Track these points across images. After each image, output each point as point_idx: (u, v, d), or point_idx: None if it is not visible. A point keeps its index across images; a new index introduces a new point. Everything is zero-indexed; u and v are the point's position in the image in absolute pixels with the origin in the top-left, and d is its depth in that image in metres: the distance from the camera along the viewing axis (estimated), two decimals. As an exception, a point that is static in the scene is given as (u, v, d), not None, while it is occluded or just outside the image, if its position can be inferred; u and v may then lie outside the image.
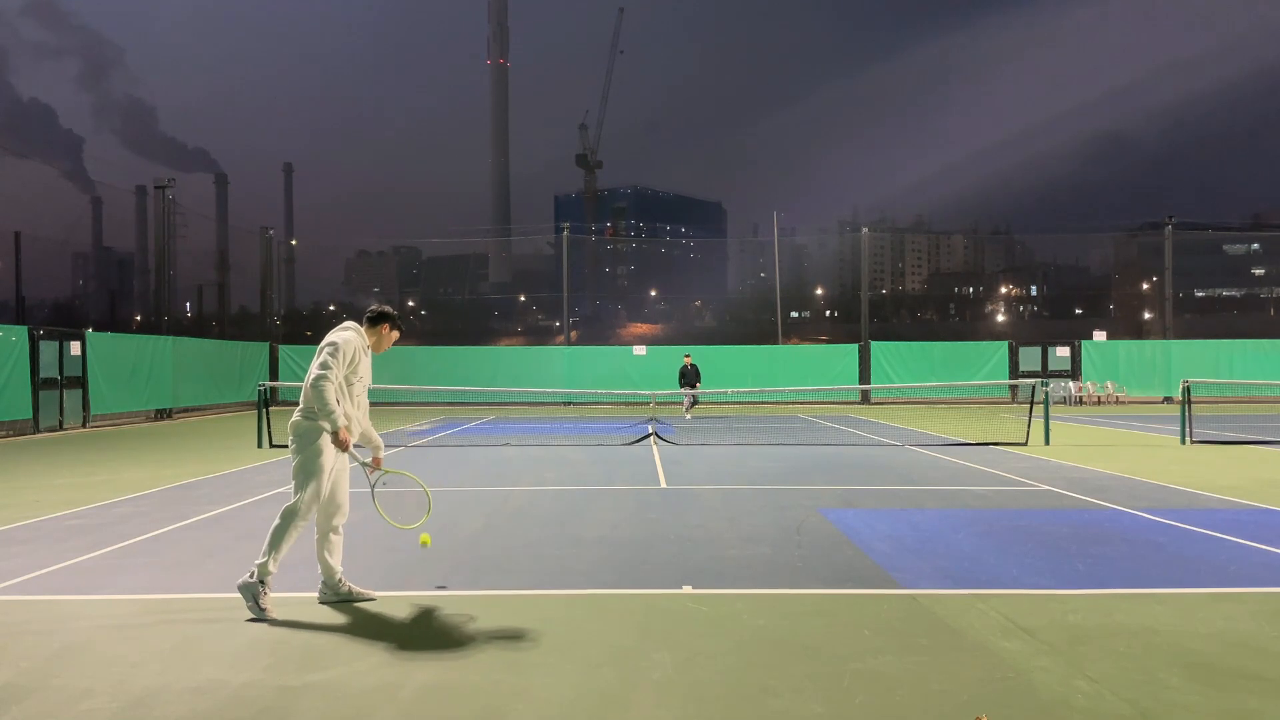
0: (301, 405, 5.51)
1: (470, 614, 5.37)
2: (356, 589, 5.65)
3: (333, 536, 5.60)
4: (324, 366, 5.37)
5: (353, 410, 5.58)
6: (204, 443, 17.22)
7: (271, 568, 5.34)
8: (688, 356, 25.25)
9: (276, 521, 5.40)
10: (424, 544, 6.16)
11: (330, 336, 5.57)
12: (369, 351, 5.72)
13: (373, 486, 5.82)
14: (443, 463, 13.58)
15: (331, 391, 5.35)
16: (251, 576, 5.33)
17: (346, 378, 5.51)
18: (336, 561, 5.61)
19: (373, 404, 5.97)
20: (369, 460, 5.82)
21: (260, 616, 5.23)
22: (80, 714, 3.91)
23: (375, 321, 5.78)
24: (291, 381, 27.74)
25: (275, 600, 5.41)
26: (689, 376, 24.39)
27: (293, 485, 5.44)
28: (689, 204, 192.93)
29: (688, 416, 23.77)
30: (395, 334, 5.84)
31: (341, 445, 5.37)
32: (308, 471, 5.39)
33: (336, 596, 5.58)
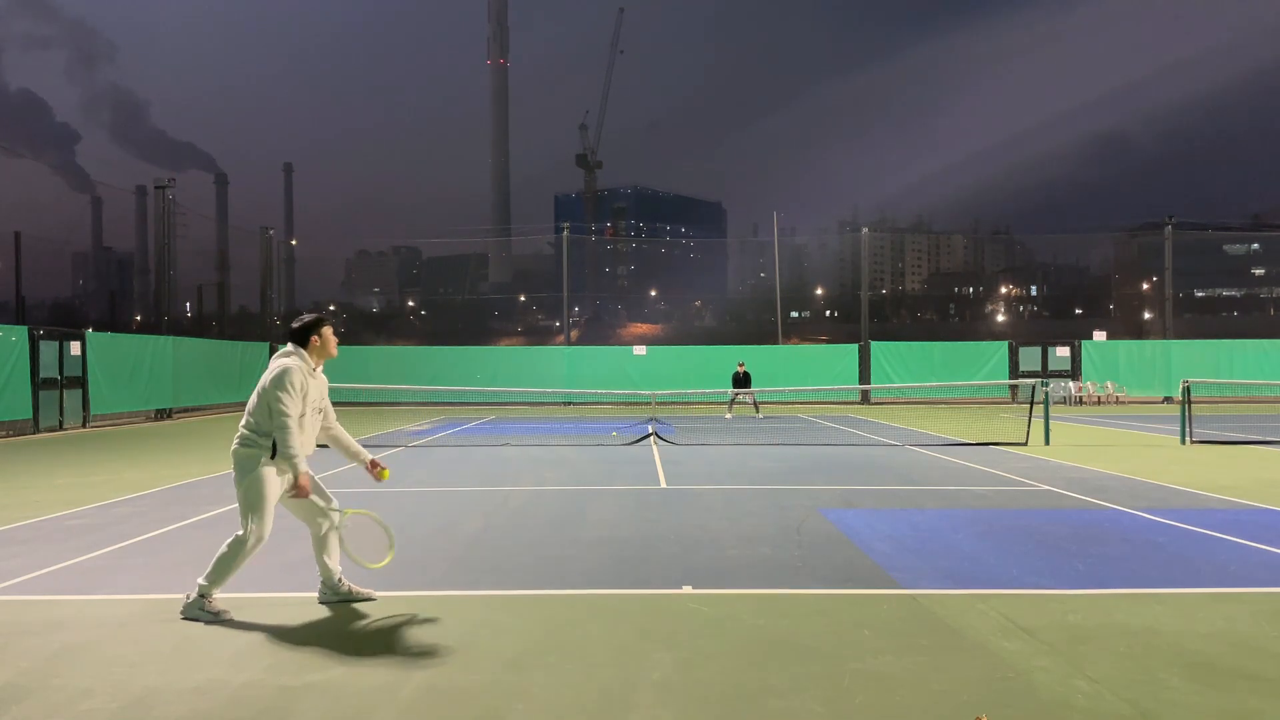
0: (240, 432, 5.27)
1: (470, 614, 5.36)
2: (356, 589, 5.64)
3: (329, 539, 5.56)
4: (285, 410, 5.11)
5: (310, 441, 5.38)
6: (204, 443, 17.22)
7: (214, 593, 5.25)
8: (741, 364, 25.07)
9: (224, 549, 5.23)
10: (383, 478, 5.76)
11: (277, 364, 5.27)
12: (316, 373, 5.37)
13: (337, 527, 5.49)
14: (443, 463, 13.58)
15: (294, 433, 5.14)
16: (189, 597, 5.28)
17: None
18: (334, 562, 5.59)
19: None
20: (333, 504, 5.50)
21: (217, 619, 5.17)
22: (80, 714, 3.91)
23: (304, 337, 5.35)
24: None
25: (276, 600, 5.41)
26: (742, 382, 24.38)
27: (240, 516, 5.27)
28: (689, 204, 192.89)
29: (729, 416, 24.12)
30: (329, 331, 5.42)
31: (301, 492, 5.19)
32: (250, 503, 5.21)
33: (336, 596, 5.57)
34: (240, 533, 5.23)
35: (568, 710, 3.91)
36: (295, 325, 5.43)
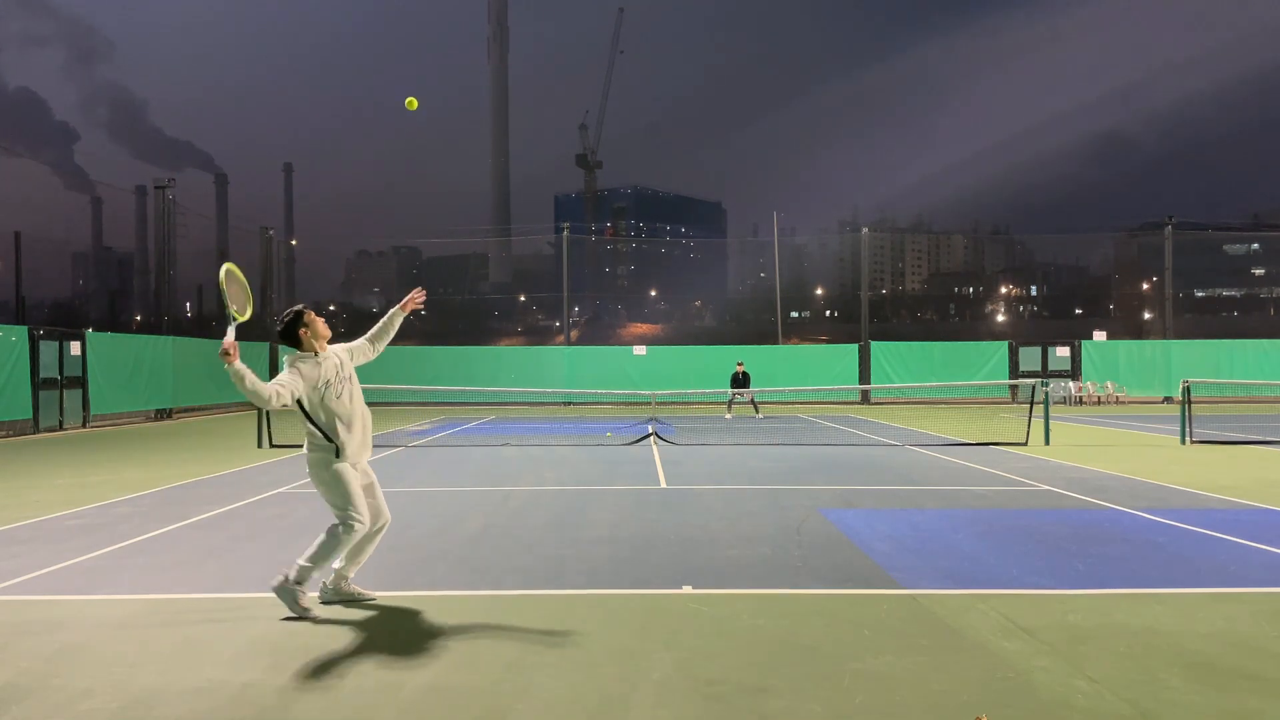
0: (306, 439, 5.43)
1: (470, 614, 5.37)
2: (357, 589, 5.65)
3: (367, 544, 5.56)
4: (273, 379, 5.23)
5: (364, 413, 5.51)
6: (204, 443, 17.22)
7: (314, 574, 5.35)
8: (740, 364, 25.16)
9: (323, 538, 5.35)
10: (410, 107, 5.50)
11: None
12: (321, 362, 5.36)
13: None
14: (443, 463, 13.58)
15: (265, 386, 5.08)
16: (286, 580, 5.33)
17: (323, 395, 5.30)
18: (353, 566, 5.60)
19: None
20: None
21: (304, 615, 5.25)
22: (80, 714, 3.91)
23: (293, 336, 5.40)
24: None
25: (276, 600, 5.39)
26: (741, 383, 24.48)
27: (333, 513, 5.38)
28: (689, 204, 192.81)
29: (728, 416, 24.30)
30: (311, 316, 5.44)
31: (223, 354, 4.95)
32: (340, 494, 5.32)
33: (338, 596, 5.58)
34: (337, 523, 5.32)
35: (568, 710, 3.91)
36: (279, 329, 5.49)
